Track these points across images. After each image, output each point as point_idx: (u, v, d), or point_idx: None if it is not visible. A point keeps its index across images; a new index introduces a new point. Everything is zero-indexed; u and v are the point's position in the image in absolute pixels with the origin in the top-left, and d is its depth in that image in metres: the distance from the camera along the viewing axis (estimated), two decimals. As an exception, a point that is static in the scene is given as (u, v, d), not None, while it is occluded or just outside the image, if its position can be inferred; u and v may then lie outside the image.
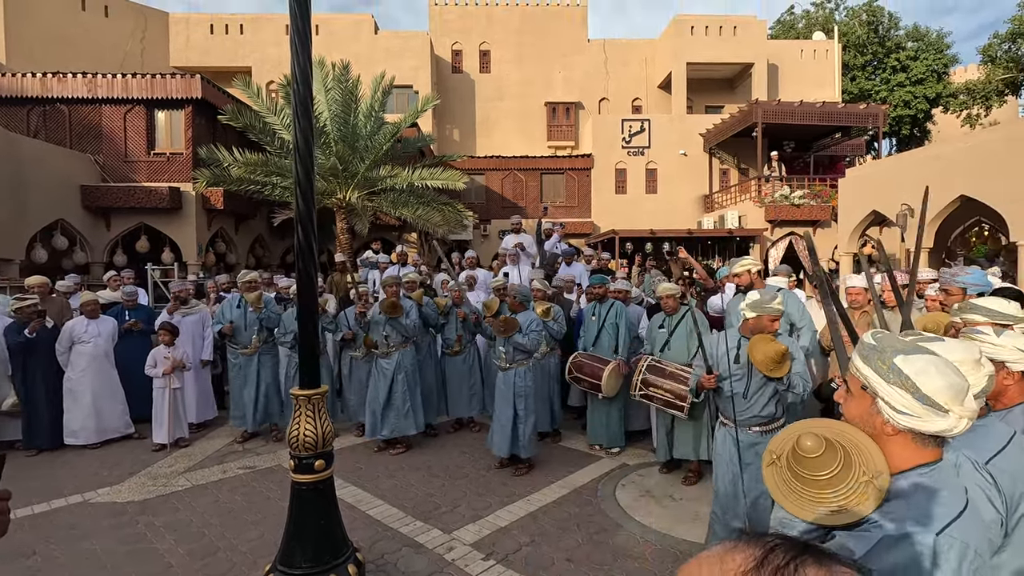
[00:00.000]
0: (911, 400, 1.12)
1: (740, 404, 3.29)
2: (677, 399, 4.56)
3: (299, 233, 2.97)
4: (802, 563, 0.50)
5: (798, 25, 31.36)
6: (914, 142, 27.68)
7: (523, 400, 4.96)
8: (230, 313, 6.14)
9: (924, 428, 1.13)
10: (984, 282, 3.36)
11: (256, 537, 3.90)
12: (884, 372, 1.16)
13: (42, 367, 5.77)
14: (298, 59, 2.93)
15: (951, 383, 1.11)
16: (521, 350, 4.95)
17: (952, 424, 1.11)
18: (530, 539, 3.82)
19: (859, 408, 1.23)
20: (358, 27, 22.22)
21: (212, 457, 5.60)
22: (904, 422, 1.13)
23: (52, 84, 11.71)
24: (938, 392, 1.10)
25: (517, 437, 4.97)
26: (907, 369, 1.13)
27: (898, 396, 1.13)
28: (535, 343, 4.95)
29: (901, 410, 1.13)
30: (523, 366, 4.99)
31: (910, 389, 1.12)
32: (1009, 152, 8.99)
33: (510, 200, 20.76)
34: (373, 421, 5.62)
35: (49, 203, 10.63)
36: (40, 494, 4.68)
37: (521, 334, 4.90)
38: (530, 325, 4.96)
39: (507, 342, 4.96)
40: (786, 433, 1.28)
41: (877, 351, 1.20)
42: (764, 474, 1.26)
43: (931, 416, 1.11)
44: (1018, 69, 24.40)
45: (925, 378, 1.11)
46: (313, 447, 3.00)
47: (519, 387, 4.97)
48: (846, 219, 13.53)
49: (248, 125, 11.34)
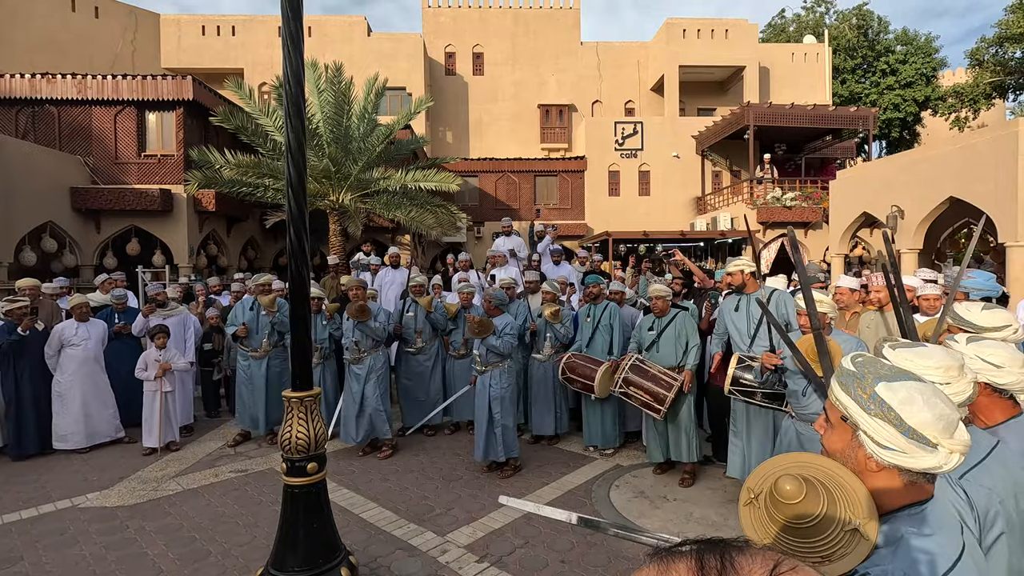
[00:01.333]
0: (895, 433, 1.01)
1: (799, 400, 3.43)
2: (655, 401, 4.59)
3: (291, 235, 2.96)
4: (730, 557, 0.51)
5: (789, 29, 31.62)
6: (904, 144, 27.94)
7: (498, 403, 4.93)
8: (243, 315, 6.11)
9: (911, 465, 1.01)
10: (989, 286, 3.25)
11: (248, 541, 3.87)
12: (864, 402, 1.05)
13: (31, 370, 5.70)
14: (290, 60, 2.92)
15: (939, 414, 0.99)
16: (495, 352, 4.93)
17: (942, 460, 1.00)
18: (524, 541, 3.82)
19: (840, 441, 1.11)
20: (351, 29, 22.18)
21: (203, 461, 5.55)
22: (889, 458, 1.02)
23: (41, 85, 11.60)
24: (925, 425, 0.99)
25: (494, 441, 4.92)
26: (890, 399, 1.02)
27: (880, 429, 1.02)
28: (508, 346, 4.93)
29: (884, 444, 1.02)
30: (498, 368, 4.98)
31: (893, 421, 1.01)
32: (996, 154, 9.09)
33: (504, 202, 20.78)
34: (347, 427, 5.57)
35: (38, 205, 10.52)
36: (28, 499, 4.62)
37: (495, 336, 4.88)
38: (505, 328, 4.94)
39: (481, 344, 4.96)
40: (765, 469, 1.15)
41: (856, 378, 1.08)
42: (740, 515, 1.12)
43: (918, 451, 1.00)
44: (1005, 73, 24.69)
45: (910, 408, 1.00)
46: (305, 450, 2.98)
47: (494, 390, 4.95)
48: (837, 221, 13.63)
49: (240, 127, 11.28)
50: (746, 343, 4.39)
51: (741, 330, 4.46)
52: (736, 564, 0.50)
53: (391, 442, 5.67)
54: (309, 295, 3.11)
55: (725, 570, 0.49)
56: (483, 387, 5.00)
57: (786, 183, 17.72)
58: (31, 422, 5.65)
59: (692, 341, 4.83)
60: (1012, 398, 1.61)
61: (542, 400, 5.83)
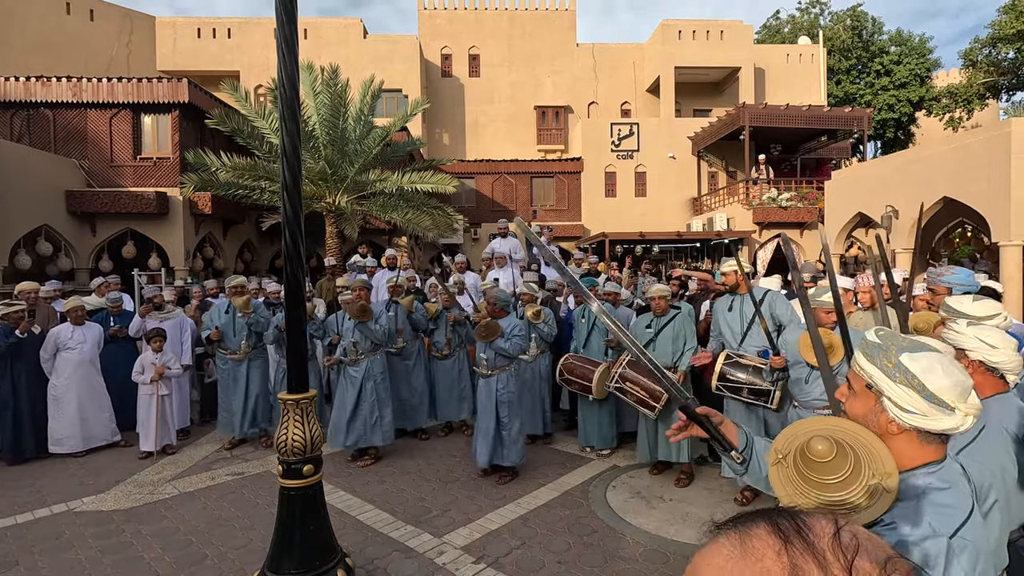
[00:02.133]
0: (918, 398, 1.11)
1: (802, 388, 3.55)
2: (651, 398, 4.61)
3: (286, 237, 2.96)
4: (800, 518, 0.55)
5: (784, 30, 31.74)
6: (898, 145, 28.08)
7: (506, 407, 4.86)
8: (218, 319, 6.08)
9: (931, 426, 1.12)
10: (969, 282, 3.47)
11: (244, 544, 3.87)
12: (890, 371, 1.15)
13: (27, 374, 5.69)
14: (285, 63, 2.93)
15: (957, 381, 1.10)
16: (504, 355, 4.85)
17: (959, 422, 1.11)
18: (521, 542, 3.82)
19: (863, 407, 1.21)
20: (347, 31, 22.18)
21: (200, 464, 5.54)
22: (911, 421, 1.12)
23: (36, 88, 11.57)
24: (945, 390, 1.10)
25: (500, 446, 4.86)
26: (913, 367, 1.12)
27: (904, 394, 1.13)
28: (517, 348, 4.86)
29: (908, 408, 1.12)
30: (505, 372, 4.91)
31: (917, 387, 1.11)
32: (989, 154, 9.15)
33: (500, 203, 20.79)
34: (336, 430, 5.38)
35: (33, 208, 10.49)
36: (24, 504, 4.61)
37: (503, 339, 4.81)
38: (512, 330, 4.84)
39: (488, 348, 4.86)
40: (791, 431, 1.25)
41: (882, 349, 1.18)
42: (770, 474, 1.22)
43: (938, 414, 1.10)
44: (998, 73, 24.85)
45: (931, 376, 1.11)
46: (301, 452, 2.99)
47: (502, 394, 4.87)
48: (832, 221, 13.68)
49: (236, 129, 11.27)
50: (737, 341, 4.49)
51: (734, 329, 4.54)
52: (807, 524, 0.55)
53: (376, 452, 5.54)
54: (305, 298, 3.11)
55: (800, 529, 0.54)
56: (489, 391, 4.91)
57: (782, 183, 17.79)
58: (27, 426, 5.63)
59: (689, 343, 4.84)
60: (1002, 377, 1.83)
61: (530, 401, 5.81)
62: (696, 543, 3.76)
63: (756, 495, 4.44)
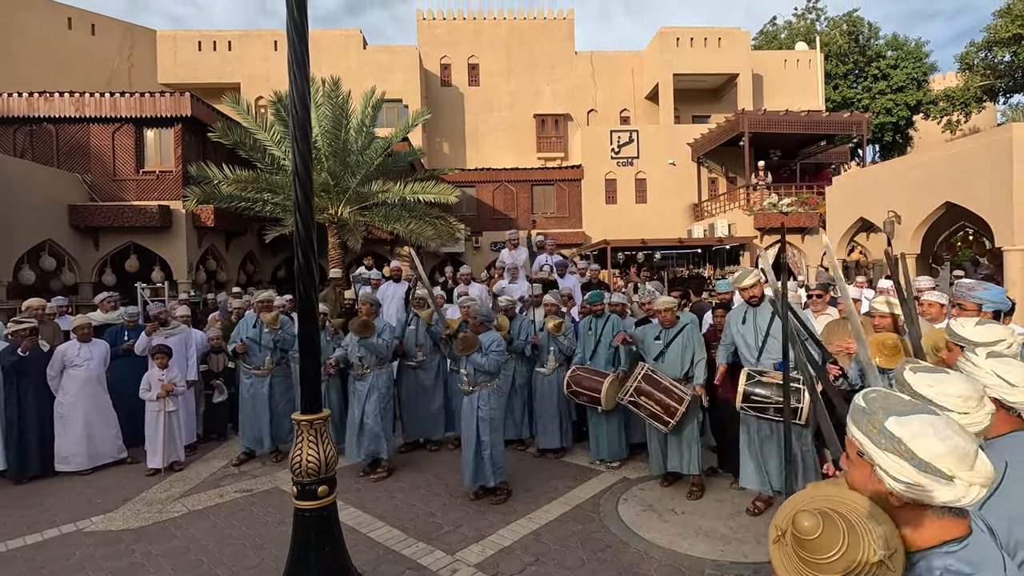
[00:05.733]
0: (908, 467, 1.01)
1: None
2: (665, 413, 4.57)
3: (299, 257, 2.97)
4: None
5: (780, 36, 31.93)
6: (896, 148, 28.19)
7: (487, 424, 4.69)
8: (246, 332, 6.10)
9: (927, 499, 1.01)
10: (1001, 299, 3.20)
11: (256, 563, 3.84)
12: (875, 436, 1.06)
13: (34, 391, 5.68)
14: (296, 84, 2.94)
15: (953, 446, 1.00)
16: (482, 371, 4.72)
17: (960, 494, 0.99)
18: (534, 558, 3.80)
19: (861, 476, 1.12)
20: (347, 42, 22.30)
21: (208, 481, 5.52)
22: (905, 492, 1.03)
23: (39, 103, 11.63)
24: (938, 457, 0.99)
25: (481, 464, 4.70)
26: (900, 433, 1.03)
27: (892, 463, 1.03)
28: (495, 364, 4.71)
29: (898, 478, 1.02)
30: (487, 388, 4.77)
31: (905, 455, 1.02)
32: (991, 159, 9.18)
33: (501, 212, 20.83)
34: (351, 445, 5.48)
35: (36, 223, 10.51)
36: (32, 524, 4.59)
37: (481, 354, 4.67)
38: (491, 346, 4.72)
39: (468, 363, 4.75)
40: (790, 504, 1.15)
41: (867, 414, 1.10)
42: (771, 553, 1.13)
43: (933, 484, 1.00)
44: (995, 76, 24.97)
45: (922, 442, 1.01)
46: (316, 473, 2.97)
47: (482, 411, 4.70)
48: (834, 226, 13.71)
49: (238, 142, 11.32)
50: (754, 356, 4.34)
51: (750, 343, 4.39)
52: None
53: (388, 465, 5.53)
54: (318, 317, 3.11)
55: None
56: (470, 408, 4.77)
57: (782, 189, 17.83)
58: (34, 444, 5.61)
59: (699, 354, 4.83)
60: (1020, 415, 1.65)
61: (548, 414, 5.83)
62: (710, 557, 3.74)
63: (768, 505, 4.42)
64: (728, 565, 3.64)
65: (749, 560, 3.69)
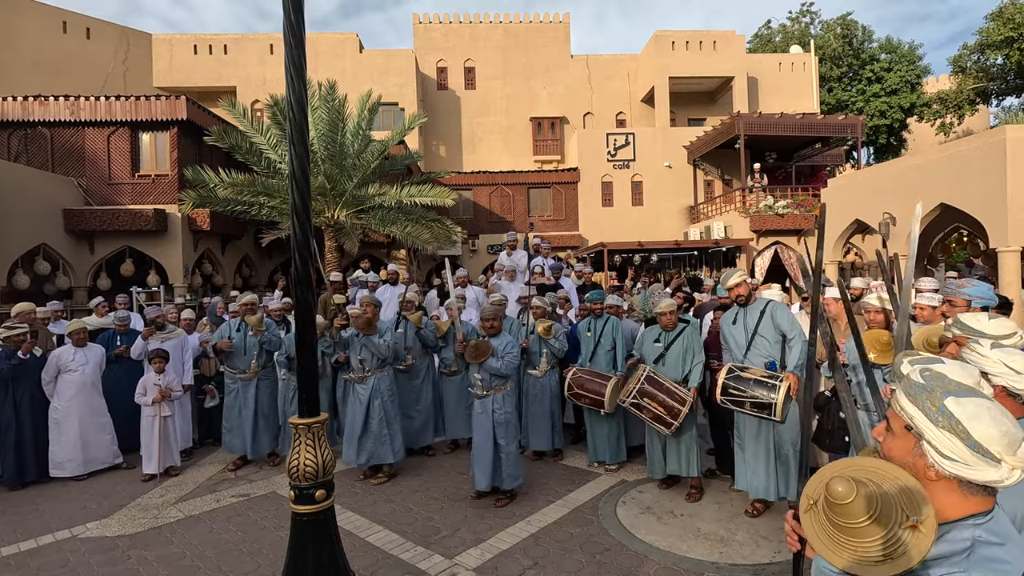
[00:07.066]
0: (960, 445, 1.05)
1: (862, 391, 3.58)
2: (668, 415, 4.57)
3: (296, 261, 2.95)
4: None
5: (775, 39, 32.09)
6: (891, 151, 28.34)
7: (503, 428, 4.72)
8: (229, 335, 6.05)
9: (972, 476, 1.05)
10: (988, 296, 3.33)
11: (253, 569, 3.82)
12: (933, 414, 1.09)
13: (29, 397, 5.64)
14: (293, 87, 2.93)
15: (1005, 431, 1.04)
16: (498, 375, 4.72)
17: (1004, 475, 1.04)
18: (533, 562, 3.79)
19: (901, 449, 1.15)
20: (343, 46, 22.31)
21: (204, 486, 5.48)
22: (951, 468, 1.06)
23: (34, 107, 11.58)
24: (991, 440, 1.03)
25: (499, 468, 4.72)
26: (958, 412, 1.06)
27: (947, 440, 1.06)
28: (511, 367, 4.72)
29: (948, 455, 1.06)
30: (501, 391, 4.77)
31: (960, 435, 1.05)
32: (985, 161, 9.23)
33: (498, 215, 20.84)
34: (349, 448, 5.39)
35: (31, 228, 10.46)
36: (27, 530, 4.55)
37: (496, 358, 4.67)
38: (505, 348, 4.72)
39: (481, 368, 4.72)
40: (822, 474, 1.19)
41: (926, 390, 1.12)
42: (803, 523, 1.17)
43: (981, 464, 1.04)
44: (988, 79, 25.15)
45: (977, 424, 1.04)
46: (313, 477, 2.95)
47: (498, 414, 4.72)
48: (829, 228, 13.74)
49: (234, 146, 11.30)
50: (742, 352, 4.46)
51: (739, 342, 4.52)
52: None
53: (390, 470, 5.51)
54: (315, 321, 3.10)
55: None
56: (485, 412, 4.77)
57: (777, 191, 17.89)
58: (29, 449, 5.57)
59: (697, 357, 4.83)
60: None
61: (539, 416, 5.79)
62: (709, 560, 3.73)
63: (767, 508, 4.42)
64: (727, 567, 3.64)
65: (748, 562, 3.69)
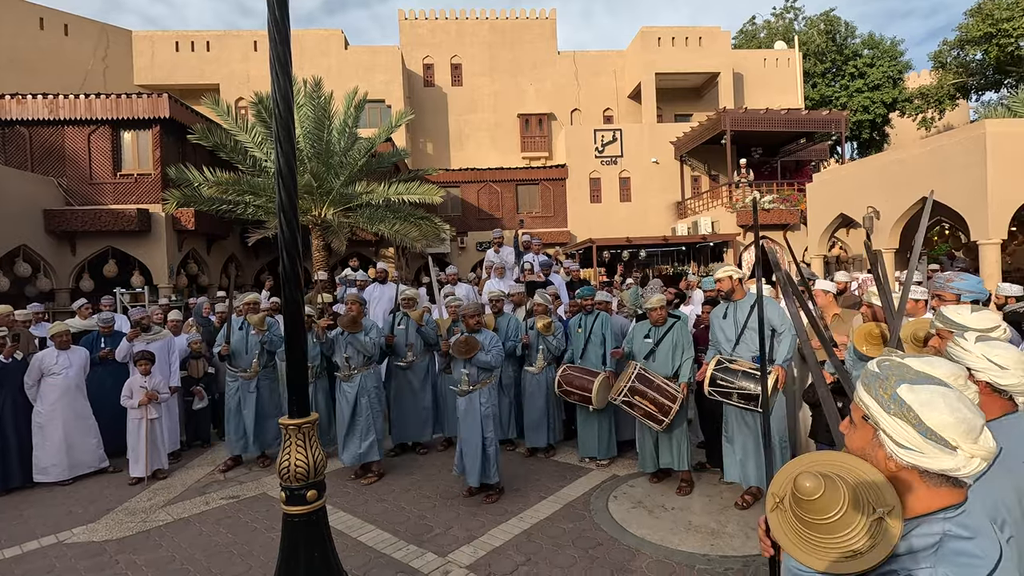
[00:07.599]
0: (913, 433, 1.04)
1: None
2: (659, 412, 4.60)
3: (284, 260, 2.92)
4: None
5: (760, 35, 32.32)
6: (874, 145, 28.70)
7: (490, 421, 4.73)
8: (232, 335, 6.00)
9: (927, 465, 1.04)
10: (978, 289, 3.27)
11: (243, 571, 3.78)
12: (885, 402, 1.08)
13: (12, 401, 5.53)
14: (279, 84, 2.90)
15: (961, 418, 1.02)
16: (486, 368, 4.75)
17: (960, 463, 1.02)
18: (526, 558, 3.79)
19: (861, 440, 1.15)
20: (328, 42, 22.11)
21: (193, 488, 5.42)
22: (907, 457, 1.05)
23: (11, 106, 11.34)
24: (944, 427, 1.02)
25: (487, 462, 4.74)
26: (910, 399, 1.06)
27: (900, 428, 1.06)
28: (499, 359, 4.80)
29: (903, 444, 1.05)
30: (487, 385, 4.80)
31: (912, 421, 1.04)
32: (966, 155, 9.38)
33: (486, 211, 20.81)
34: (340, 447, 5.47)
35: (11, 229, 10.26)
36: (11, 537, 4.47)
37: (483, 352, 4.71)
38: (491, 342, 4.79)
39: (468, 363, 4.75)
40: (786, 471, 1.17)
41: (880, 379, 1.12)
42: (769, 521, 1.14)
43: (935, 452, 1.03)
44: (967, 74, 25.54)
45: (930, 410, 1.03)
46: (304, 477, 2.93)
47: (485, 408, 4.73)
48: (815, 222, 13.91)
49: (218, 144, 11.15)
50: (731, 346, 4.52)
51: (729, 336, 4.57)
52: None
53: (378, 469, 5.49)
54: (304, 320, 3.07)
55: None
56: (472, 407, 4.77)
57: (763, 186, 18.05)
58: (13, 455, 5.47)
59: (687, 352, 4.86)
60: (1011, 398, 1.65)
61: (536, 413, 5.82)
62: (700, 552, 3.77)
63: (756, 499, 4.46)
64: (718, 559, 3.67)
65: (739, 554, 3.72)
